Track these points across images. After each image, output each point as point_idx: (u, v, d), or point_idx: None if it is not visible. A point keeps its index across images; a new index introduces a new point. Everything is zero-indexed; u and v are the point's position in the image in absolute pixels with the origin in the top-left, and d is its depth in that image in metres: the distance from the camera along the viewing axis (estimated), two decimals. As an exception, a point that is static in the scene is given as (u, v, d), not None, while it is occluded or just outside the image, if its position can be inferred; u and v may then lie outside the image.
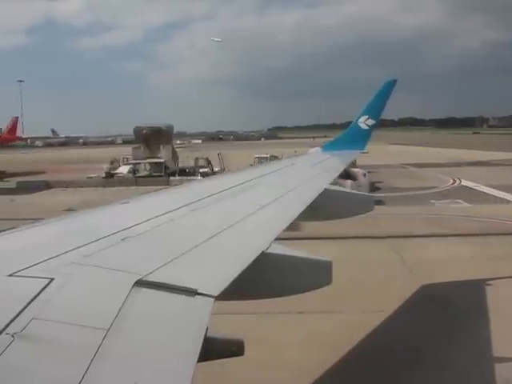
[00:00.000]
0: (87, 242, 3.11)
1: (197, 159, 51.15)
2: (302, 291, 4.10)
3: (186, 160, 51.89)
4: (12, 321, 2.02)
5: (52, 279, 2.45)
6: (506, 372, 9.73)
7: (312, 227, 16.60)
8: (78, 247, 3.00)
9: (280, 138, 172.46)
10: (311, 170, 9.63)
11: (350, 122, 13.95)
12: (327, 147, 13.76)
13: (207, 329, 2.27)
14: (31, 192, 40.42)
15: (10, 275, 2.49)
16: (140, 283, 2.55)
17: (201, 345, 2.10)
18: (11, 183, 47.64)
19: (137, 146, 53.20)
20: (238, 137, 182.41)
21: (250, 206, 4.97)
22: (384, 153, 49.89)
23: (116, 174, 48.54)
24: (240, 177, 7.34)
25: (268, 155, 48.99)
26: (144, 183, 41.68)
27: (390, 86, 13.10)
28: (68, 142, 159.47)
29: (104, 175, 48.28)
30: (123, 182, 44.13)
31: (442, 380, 9.87)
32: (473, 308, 13.32)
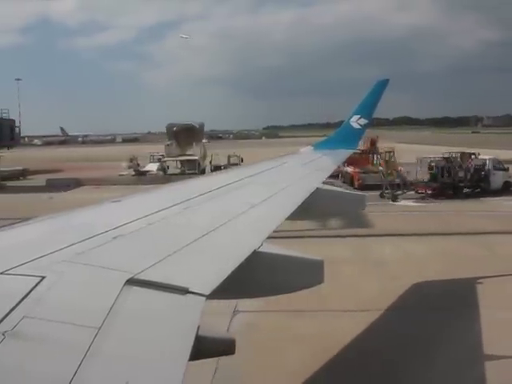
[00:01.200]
0: (79, 241, 3.11)
1: (229, 157, 51.44)
2: (294, 290, 4.12)
3: (215, 158, 52.28)
4: (3, 319, 2.01)
5: (43, 277, 2.45)
6: None
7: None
8: (70, 245, 3.00)
9: (281, 137, 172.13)
10: (303, 169, 9.64)
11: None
12: (319, 146, 13.75)
13: (198, 327, 2.28)
14: (63, 190, 39.63)
15: (1, 273, 2.48)
16: (131, 281, 2.55)
17: (192, 343, 2.10)
18: (40, 181, 47.11)
19: (169, 143, 53.56)
20: (238, 136, 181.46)
21: (242, 205, 4.98)
22: (410, 151, 49.55)
23: (146, 171, 48.44)
24: (232, 176, 7.34)
25: None
26: (177, 181, 41.31)
27: (382, 85, 13.12)
28: (67, 141, 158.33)
29: (133, 173, 48.24)
30: (155, 179, 42.86)
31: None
32: None
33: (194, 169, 48.16)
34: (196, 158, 50.12)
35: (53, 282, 2.43)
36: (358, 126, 13.08)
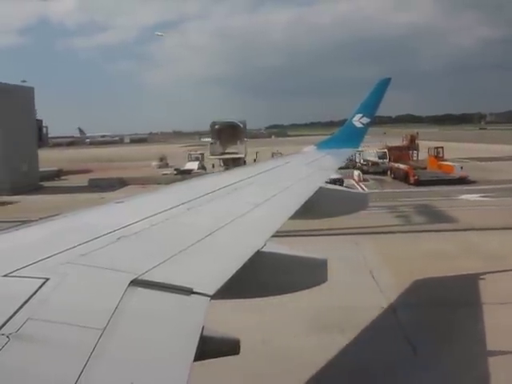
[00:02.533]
0: (82, 242, 3.11)
1: (273, 154, 51.57)
2: (298, 290, 4.11)
3: (259, 155, 52.78)
4: (7, 321, 2.01)
5: (47, 279, 2.45)
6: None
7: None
8: (74, 247, 3.00)
9: (289, 136, 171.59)
10: (306, 169, 9.64)
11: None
12: (322, 145, 13.75)
13: (203, 328, 2.27)
14: (109, 190, 39.14)
15: (5, 275, 2.48)
16: (135, 282, 2.54)
17: (197, 344, 2.10)
18: (80, 181, 46.96)
19: (212, 141, 53.81)
20: (247, 135, 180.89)
21: (245, 205, 4.97)
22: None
23: (189, 170, 48.53)
24: (234, 176, 7.34)
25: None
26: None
27: (384, 84, 13.11)
28: (75, 142, 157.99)
29: (175, 172, 48.34)
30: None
31: None
32: None
33: (239, 167, 48.25)
34: (242, 156, 50.19)
35: (57, 283, 2.43)
36: (361, 125, 13.07)
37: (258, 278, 3.57)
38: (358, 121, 13.09)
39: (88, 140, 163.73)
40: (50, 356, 1.90)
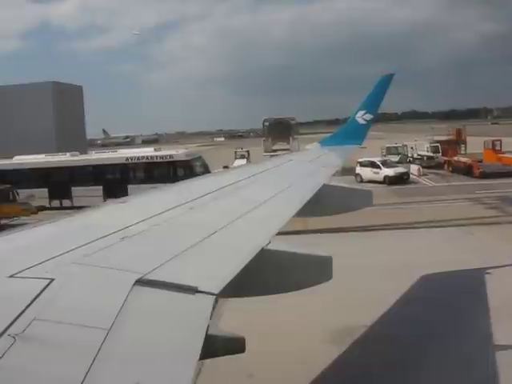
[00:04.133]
0: (86, 242, 3.11)
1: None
2: (303, 287, 4.11)
3: None
4: (13, 322, 2.02)
5: (52, 280, 2.45)
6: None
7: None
8: (78, 247, 3.00)
9: (301, 134, 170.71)
10: (310, 166, 9.63)
11: None
12: (325, 142, 13.77)
13: (208, 326, 2.27)
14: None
15: (11, 276, 2.48)
16: (140, 282, 2.54)
17: (202, 343, 2.10)
18: None
19: (264, 138, 53.86)
20: (259, 134, 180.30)
21: (249, 203, 4.97)
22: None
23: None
24: (237, 174, 7.34)
25: (399, 144, 50.14)
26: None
27: (387, 80, 13.09)
28: (105, 144, 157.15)
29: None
30: None
31: None
32: None
33: None
34: None
35: (62, 284, 2.43)
36: (364, 122, 13.08)
37: (262, 275, 3.57)
38: (361, 117, 13.10)
39: (99, 141, 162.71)
40: (56, 356, 1.90)
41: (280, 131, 52.20)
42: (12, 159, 38.08)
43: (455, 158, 44.92)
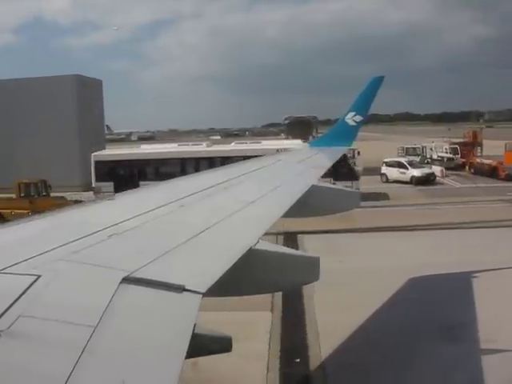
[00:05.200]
0: (74, 239, 3.10)
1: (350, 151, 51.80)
2: (290, 287, 4.13)
3: None
4: None
5: (39, 276, 2.44)
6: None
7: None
8: (65, 244, 2.99)
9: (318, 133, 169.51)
10: (298, 167, 9.65)
11: None
12: (314, 143, 13.83)
13: (195, 325, 2.28)
14: None
15: None
16: (127, 280, 2.54)
17: (188, 341, 2.10)
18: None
19: (285, 137, 54.07)
20: (256, 133, 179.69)
21: (238, 203, 4.98)
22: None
23: None
24: (227, 173, 7.34)
25: (417, 145, 50.22)
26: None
27: (377, 82, 13.15)
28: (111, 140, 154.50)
29: None
30: None
31: None
32: None
33: None
34: None
35: (48, 280, 2.43)
36: (353, 123, 13.13)
37: (250, 275, 3.58)
38: (351, 119, 13.15)
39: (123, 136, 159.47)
40: (42, 353, 1.90)
41: (300, 129, 52.57)
42: (137, 148, 36.82)
43: (478, 160, 45.27)
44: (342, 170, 31.19)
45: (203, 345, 2.52)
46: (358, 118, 13.10)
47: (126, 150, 38.32)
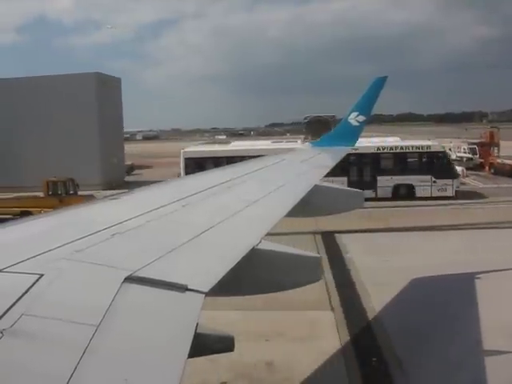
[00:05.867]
0: (77, 238, 3.10)
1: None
2: (292, 287, 4.12)
3: None
4: (1, 317, 2.01)
5: (42, 275, 2.44)
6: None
7: None
8: (68, 243, 2.99)
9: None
10: (301, 166, 9.64)
11: None
12: (317, 143, 13.77)
13: (197, 325, 2.28)
14: None
15: (0, 271, 2.48)
16: (130, 279, 2.54)
17: (191, 341, 2.10)
18: (158, 176, 46.47)
19: (305, 136, 55.27)
20: (261, 133, 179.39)
21: (241, 202, 4.97)
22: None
23: None
24: (230, 173, 7.33)
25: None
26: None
27: (380, 82, 13.11)
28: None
29: None
30: None
31: None
32: None
33: None
34: None
35: (51, 279, 2.43)
36: (356, 123, 13.09)
37: (252, 274, 3.58)
38: (354, 119, 13.12)
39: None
40: (44, 352, 1.90)
41: (319, 128, 53.06)
42: (227, 145, 37.50)
43: (498, 161, 45.47)
44: (442, 168, 32.06)
45: (206, 344, 2.52)
46: (361, 118, 13.06)
47: (215, 147, 39.18)
